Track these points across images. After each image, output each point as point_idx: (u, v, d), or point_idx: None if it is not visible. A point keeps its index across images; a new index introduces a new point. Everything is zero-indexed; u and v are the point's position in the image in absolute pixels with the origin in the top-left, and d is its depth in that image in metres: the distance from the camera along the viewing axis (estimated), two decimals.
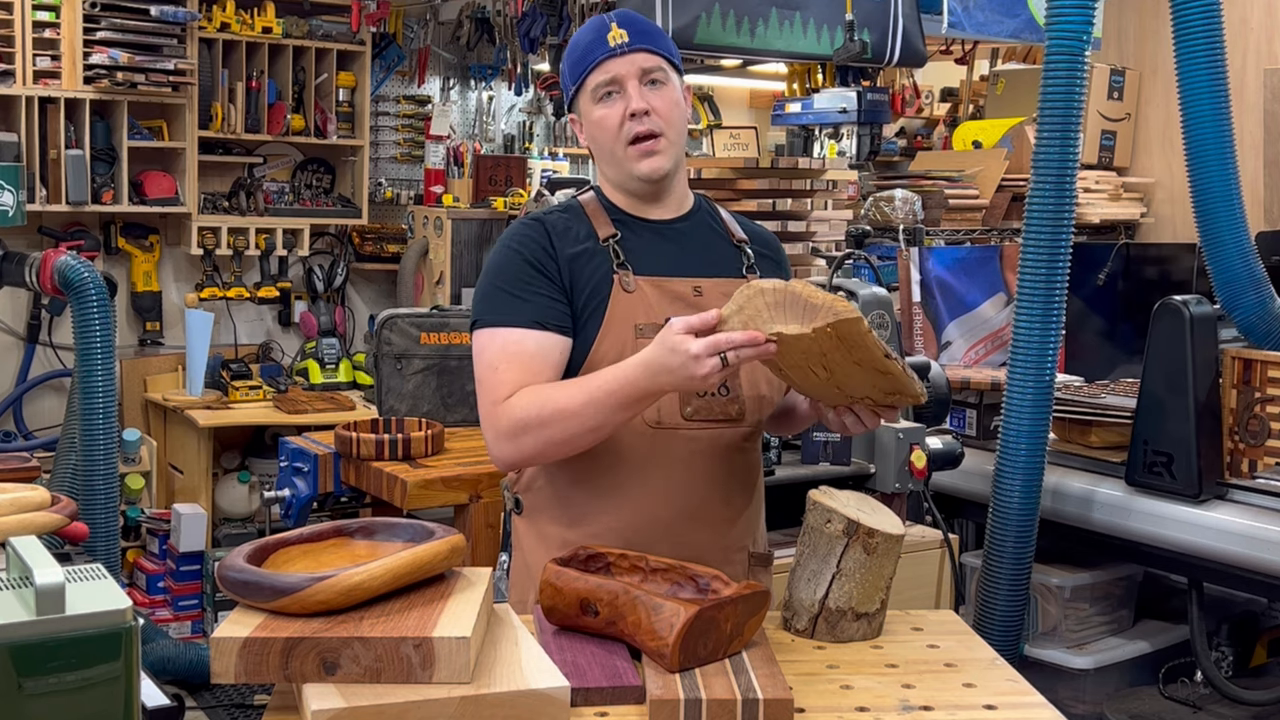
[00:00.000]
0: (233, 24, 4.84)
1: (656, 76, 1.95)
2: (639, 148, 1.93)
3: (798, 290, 1.62)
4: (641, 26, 1.98)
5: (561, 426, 1.80)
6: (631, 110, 1.93)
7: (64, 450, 3.33)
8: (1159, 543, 2.88)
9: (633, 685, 1.56)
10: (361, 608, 1.52)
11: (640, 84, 1.94)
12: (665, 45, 1.99)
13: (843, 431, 1.88)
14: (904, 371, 1.71)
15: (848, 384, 1.75)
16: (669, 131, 1.95)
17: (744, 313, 1.66)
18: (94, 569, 1.33)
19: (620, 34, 1.95)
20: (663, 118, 1.94)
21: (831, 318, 1.59)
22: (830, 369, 1.70)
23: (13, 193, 4.26)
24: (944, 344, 4.38)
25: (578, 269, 1.93)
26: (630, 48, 1.94)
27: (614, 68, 1.94)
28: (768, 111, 5.28)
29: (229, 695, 3.61)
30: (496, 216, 5.11)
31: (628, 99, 1.93)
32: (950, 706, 1.60)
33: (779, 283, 1.64)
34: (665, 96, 1.95)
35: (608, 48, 1.94)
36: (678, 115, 1.97)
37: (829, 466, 2.94)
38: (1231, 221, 2.79)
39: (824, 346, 1.64)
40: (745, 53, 3.98)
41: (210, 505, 4.58)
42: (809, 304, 1.60)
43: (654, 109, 1.93)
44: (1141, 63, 5.19)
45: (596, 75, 1.95)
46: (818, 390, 1.81)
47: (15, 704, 1.18)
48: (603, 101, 1.95)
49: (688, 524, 1.95)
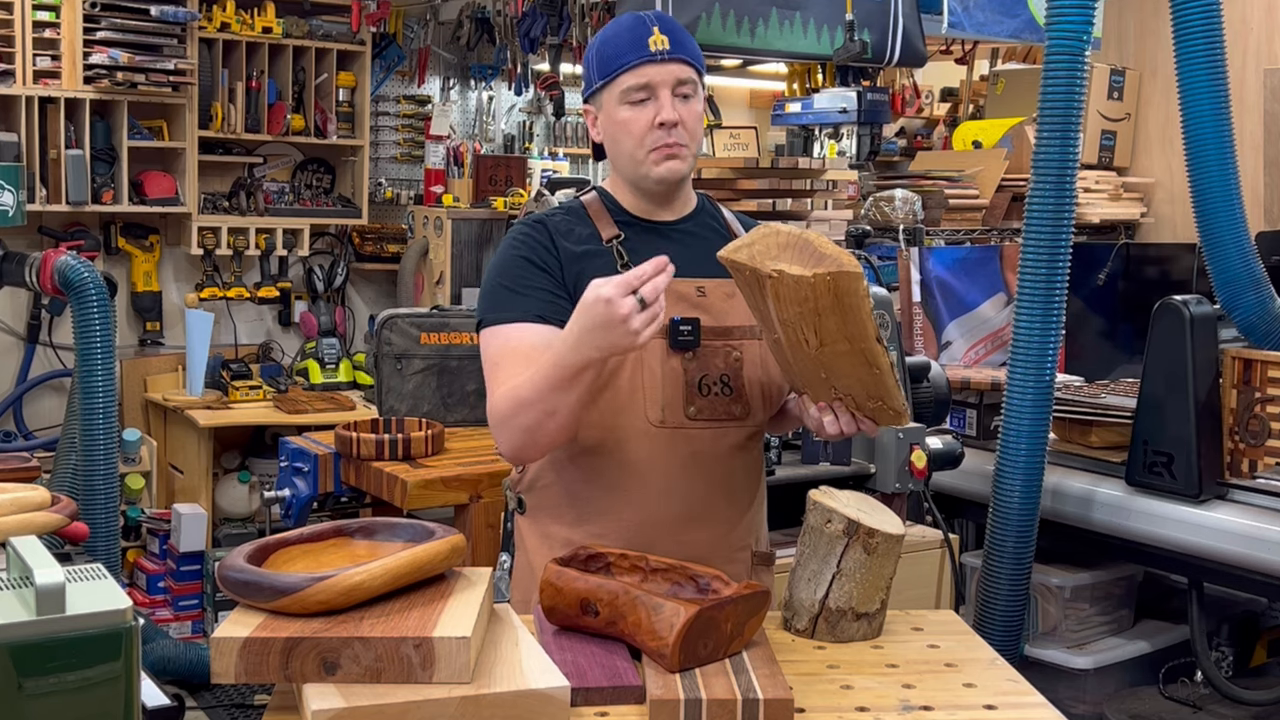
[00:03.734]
0: (233, 24, 4.84)
1: (688, 90, 1.94)
2: (661, 151, 1.93)
3: (810, 238, 1.64)
4: (680, 35, 1.96)
5: (525, 416, 1.81)
6: (662, 120, 1.92)
7: (64, 450, 3.33)
8: (1159, 543, 2.88)
9: (633, 685, 1.56)
10: (361, 608, 1.52)
11: (673, 94, 1.93)
12: (697, 54, 1.98)
13: (819, 432, 1.85)
14: (892, 373, 1.71)
15: (835, 369, 1.74)
16: (691, 143, 1.96)
17: (753, 247, 1.67)
18: (94, 569, 1.33)
19: (662, 40, 1.93)
20: (688, 130, 1.94)
21: (834, 267, 1.60)
22: (822, 338, 1.69)
23: (13, 193, 4.26)
24: (944, 344, 4.38)
25: (581, 269, 1.93)
26: (669, 56, 1.93)
27: (651, 74, 1.92)
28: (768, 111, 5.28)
29: (229, 695, 3.61)
30: (496, 216, 5.11)
31: (659, 107, 1.92)
32: (950, 706, 1.60)
33: (794, 228, 1.66)
34: (692, 110, 1.95)
35: (648, 52, 1.92)
36: (698, 127, 1.98)
37: (829, 466, 2.94)
38: (1231, 221, 2.79)
39: (820, 303, 1.64)
40: (745, 53, 3.99)
41: (210, 505, 4.58)
42: (818, 251, 1.62)
43: (682, 120, 1.93)
44: (1141, 63, 5.19)
45: (630, 77, 1.93)
46: (805, 371, 1.79)
47: (15, 704, 1.18)
48: (632, 104, 1.94)
49: (691, 523, 1.95)
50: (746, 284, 1.74)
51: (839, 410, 1.81)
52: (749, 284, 1.73)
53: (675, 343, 1.92)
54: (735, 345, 1.96)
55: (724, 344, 1.96)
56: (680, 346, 1.93)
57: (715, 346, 1.95)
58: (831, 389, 1.80)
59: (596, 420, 1.93)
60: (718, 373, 1.95)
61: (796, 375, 1.84)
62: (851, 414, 1.81)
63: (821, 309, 1.65)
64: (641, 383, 1.92)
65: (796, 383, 1.86)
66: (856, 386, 1.76)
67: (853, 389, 1.77)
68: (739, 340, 1.97)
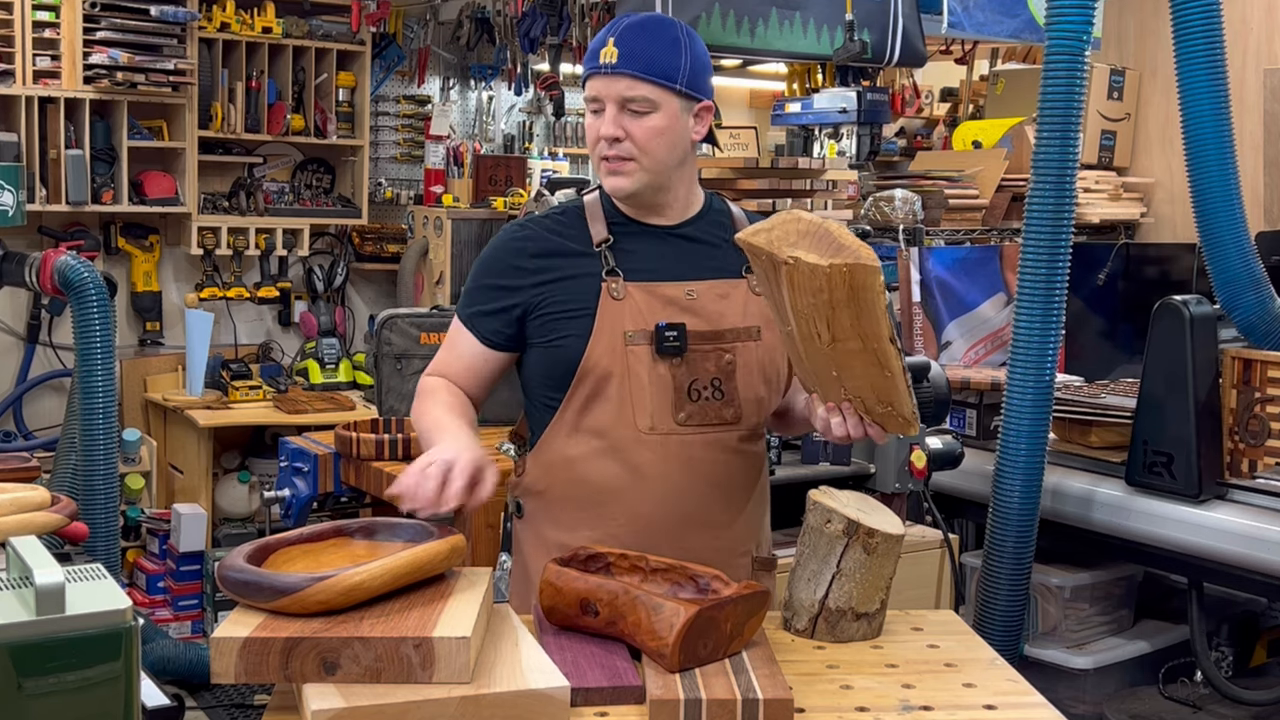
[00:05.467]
0: (233, 24, 4.84)
1: (635, 107, 1.90)
2: (606, 165, 1.94)
3: (830, 227, 1.63)
4: (636, 48, 1.89)
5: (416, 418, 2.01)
6: (601, 134, 1.92)
7: (64, 450, 3.33)
8: (1159, 543, 2.87)
9: (633, 685, 1.56)
10: (361, 608, 1.52)
11: (620, 110, 1.91)
12: (661, 69, 1.89)
13: (826, 433, 1.83)
14: (904, 378, 1.70)
15: (846, 367, 1.73)
16: (642, 158, 1.91)
17: (772, 232, 1.66)
18: (94, 569, 1.33)
19: (611, 53, 1.90)
20: (637, 145, 1.90)
21: (851, 259, 1.59)
22: (834, 333, 1.67)
23: (13, 193, 4.26)
24: (944, 344, 4.38)
25: (559, 277, 1.94)
26: (614, 70, 1.89)
27: (598, 87, 1.92)
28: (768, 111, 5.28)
29: (229, 695, 3.61)
30: (496, 216, 5.11)
31: (603, 120, 1.92)
32: (950, 706, 1.60)
33: (817, 216, 1.65)
34: (644, 125, 1.90)
35: (597, 64, 1.92)
36: (658, 143, 1.91)
37: (829, 466, 2.94)
38: (1231, 221, 2.79)
39: (835, 295, 1.62)
40: (745, 53, 3.98)
41: (210, 505, 4.58)
42: (837, 242, 1.61)
43: (630, 135, 1.90)
44: (1141, 63, 5.19)
45: (588, 87, 1.94)
46: (816, 368, 1.77)
47: (15, 704, 1.18)
48: (591, 113, 1.96)
49: (686, 528, 1.94)
50: (763, 270, 1.72)
51: (847, 413, 1.79)
52: (765, 270, 1.71)
53: (660, 349, 1.91)
54: (727, 348, 1.95)
55: (715, 348, 1.94)
56: (666, 353, 1.91)
57: (705, 350, 1.94)
58: (841, 389, 1.78)
59: (588, 427, 1.93)
60: (708, 377, 1.93)
61: (808, 371, 1.81)
62: (859, 417, 1.79)
63: (836, 301, 1.63)
64: (629, 391, 1.91)
65: (808, 379, 1.83)
66: (866, 389, 1.75)
67: (862, 391, 1.76)
68: (731, 343, 1.95)
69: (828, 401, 1.81)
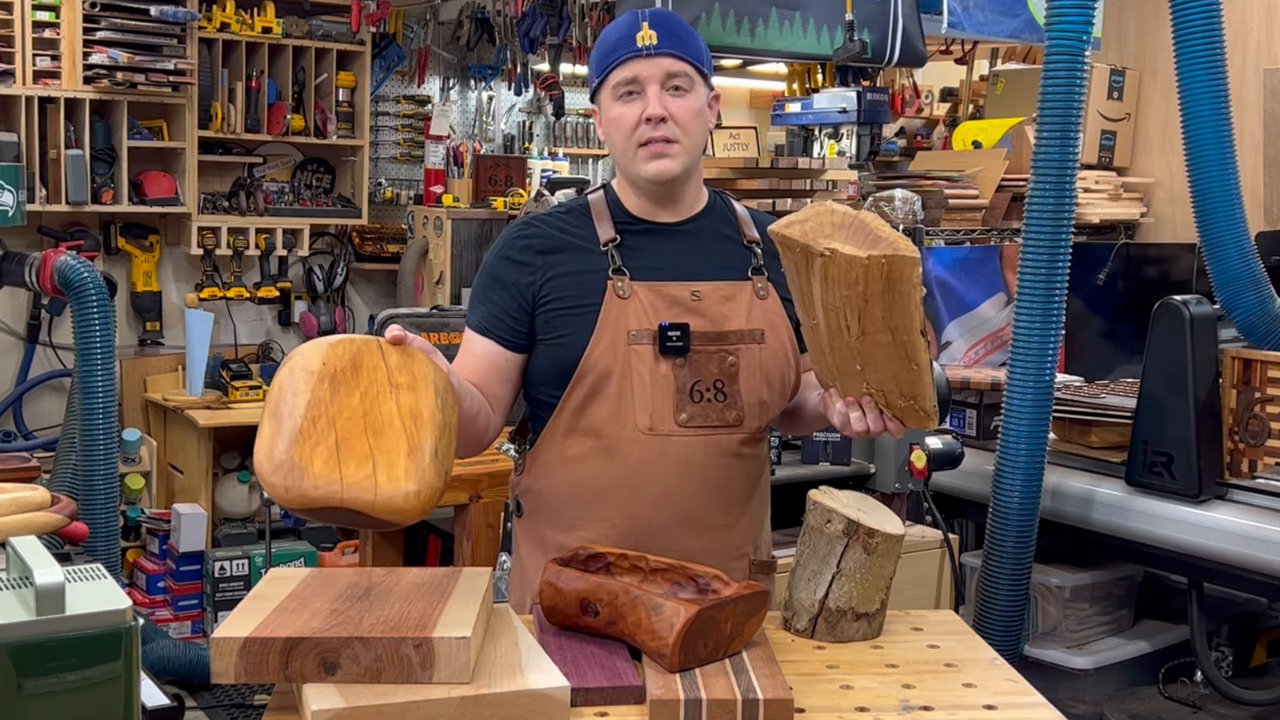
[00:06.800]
0: (233, 24, 4.84)
1: (680, 84, 1.92)
2: (649, 149, 1.91)
3: (866, 219, 1.60)
4: (673, 29, 1.94)
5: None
6: (648, 115, 1.90)
7: (64, 450, 3.33)
8: (1159, 543, 2.87)
9: (633, 685, 1.56)
10: (362, 608, 1.52)
11: (662, 89, 1.91)
12: (695, 50, 1.95)
13: (844, 428, 1.81)
14: (930, 371, 1.69)
15: (872, 360, 1.70)
16: (684, 140, 1.92)
17: (806, 224, 1.63)
18: (94, 569, 1.33)
19: (650, 35, 1.91)
20: (680, 125, 1.91)
21: (890, 250, 1.57)
22: (864, 326, 1.65)
23: (13, 193, 4.26)
24: (944, 344, 4.38)
25: (564, 273, 1.93)
26: (657, 50, 1.91)
27: (637, 68, 1.91)
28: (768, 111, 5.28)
29: (229, 695, 3.61)
30: (496, 216, 5.11)
31: (646, 101, 1.91)
32: (950, 706, 1.60)
33: (850, 208, 1.63)
34: (686, 105, 1.92)
35: (634, 47, 1.91)
36: (696, 125, 1.94)
37: (829, 466, 2.94)
38: (1231, 221, 2.79)
39: (870, 288, 1.60)
40: (745, 53, 3.99)
41: (210, 505, 4.58)
42: (874, 233, 1.59)
43: (672, 115, 1.91)
44: (1141, 63, 5.19)
45: (620, 73, 1.92)
46: (840, 362, 1.75)
47: (15, 704, 1.18)
48: (622, 100, 1.93)
49: (684, 530, 1.94)
50: (794, 263, 1.69)
51: (867, 407, 1.77)
52: (796, 263, 1.68)
53: (664, 349, 1.90)
54: (731, 350, 1.93)
55: (718, 349, 1.93)
56: (669, 352, 1.90)
57: (709, 352, 1.92)
58: (864, 383, 1.75)
59: (588, 427, 1.93)
60: (711, 378, 1.92)
61: (829, 365, 1.78)
62: (879, 411, 1.78)
63: (870, 294, 1.61)
64: (630, 390, 1.90)
65: (828, 373, 1.80)
66: (890, 382, 1.73)
67: (885, 384, 1.73)
68: (735, 345, 1.94)
69: (847, 396, 1.79)
